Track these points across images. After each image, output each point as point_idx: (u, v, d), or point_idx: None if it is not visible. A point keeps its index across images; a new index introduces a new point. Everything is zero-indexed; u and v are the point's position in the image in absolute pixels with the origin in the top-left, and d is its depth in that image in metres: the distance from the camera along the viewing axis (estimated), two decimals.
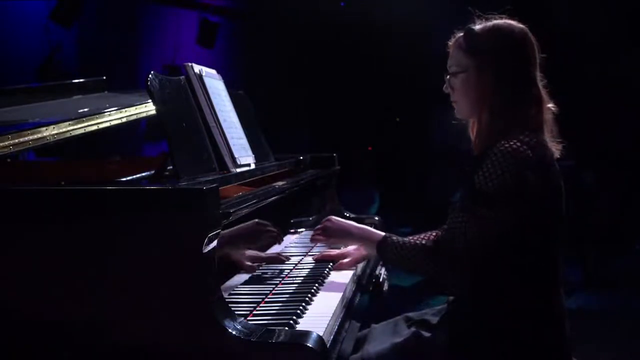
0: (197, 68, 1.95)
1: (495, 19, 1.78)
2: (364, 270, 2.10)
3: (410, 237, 1.80)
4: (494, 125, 1.70)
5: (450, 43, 1.83)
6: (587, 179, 6.05)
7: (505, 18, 1.78)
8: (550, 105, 1.76)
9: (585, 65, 6.55)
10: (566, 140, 1.78)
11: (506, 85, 1.70)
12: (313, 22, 7.44)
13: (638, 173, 6.48)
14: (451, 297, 1.83)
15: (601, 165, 6.37)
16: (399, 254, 1.74)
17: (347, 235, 1.92)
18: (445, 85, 1.83)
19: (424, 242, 1.75)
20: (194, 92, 1.90)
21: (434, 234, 2.01)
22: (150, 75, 1.69)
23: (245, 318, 1.40)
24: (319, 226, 1.99)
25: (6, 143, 1.76)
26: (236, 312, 1.34)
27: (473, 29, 1.75)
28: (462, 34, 1.78)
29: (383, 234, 1.81)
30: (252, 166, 2.06)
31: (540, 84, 1.75)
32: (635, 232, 6.36)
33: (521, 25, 1.76)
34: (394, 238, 1.78)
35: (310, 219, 2.67)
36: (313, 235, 1.99)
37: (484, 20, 1.78)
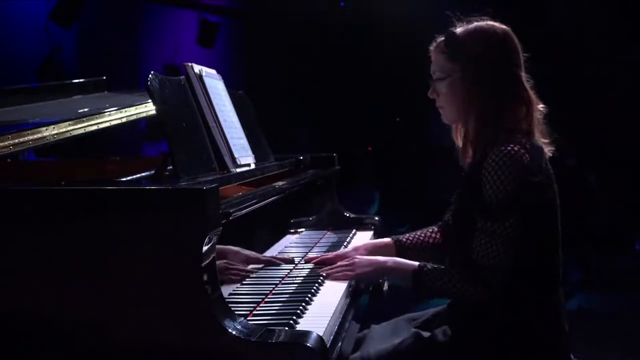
0: (197, 68, 1.95)
1: (476, 20, 1.75)
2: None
3: (440, 266, 1.72)
4: (483, 130, 1.68)
5: (431, 48, 1.80)
6: (587, 179, 6.05)
7: (487, 19, 1.75)
8: (539, 106, 1.74)
9: (586, 66, 6.55)
10: (567, 141, 1.77)
11: (492, 88, 1.68)
12: (313, 22, 7.44)
13: (638, 173, 6.47)
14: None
15: (602, 165, 6.37)
16: (434, 285, 1.67)
17: (379, 267, 1.77)
18: (430, 91, 1.81)
19: (459, 272, 1.68)
20: (194, 92, 1.90)
21: (429, 231, 2.04)
22: (150, 75, 1.68)
23: (245, 318, 1.40)
24: (344, 263, 1.83)
25: (6, 143, 1.76)
26: (236, 312, 1.34)
27: (454, 33, 1.72)
28: (443, 38, 1.75)
29: (416, 263, 1.72)
30: (252, 166, 2.06)
31: (527, 85, 1.72)
32: (635, 232, 6.36)
33: (503, 26, 1.73)
34: (429, 267, 1.69)
35: (310, 219, 2.67)
36: (335, 272, 1.81)
37: (464, 22, 1.75)
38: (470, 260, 1.65)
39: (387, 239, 2.07)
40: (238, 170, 1.91)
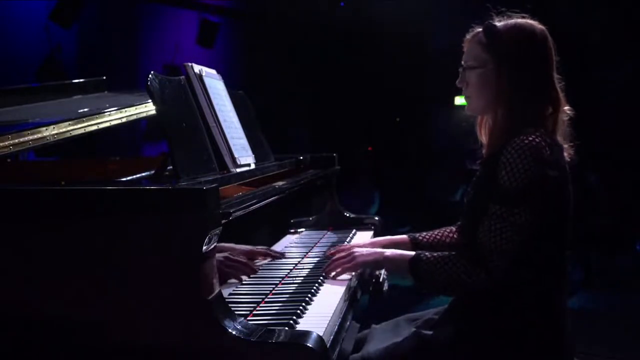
0: (197, 68, 1.95)
1: (516, 17, 1.76)
2: (364, 270, 2.10)
3: (439, 252, 1.71)
4: (509, 124, 1.69)
5: (467, 37, 1.81)
6: (588, 179, 6.05)
7: (527, 17, 1.77)
8: (566, 108, 1.75)
9: (586, 66, 6.55)
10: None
11: (524, 84, 1.69)
12: (313, 22, 7.44)
13: (638, 173, 6.47)
14: (452, 297, 1.83)
15: (603, 165, 6.37)
16: (431, 270, 1.67)
17: (378, 256, 1.80)
18: (459, 79, 1.81)
19: (457, 257, 1.66)
20: (194, 92, 1.90)
21: (447, 231, 2.02)
22: (150, 75, 1.68)
23: (245, 318, 1.40)
24: (342, 254, 1.85)
25: (6, 143, 1.76)
26: (236, 312, 1.34)
27: (495, 25, 1.73)
28: (481, 29, 1.76)
29: (414, 253, 1.74)
30: (252, 166, 2.06)
31: (558, 86, 1.74)
32: (636, 232, 6.36)
33: (542, 26, 1.75)
34: (427, 254, 1.70)
35: (310, 219, 2.67)
36: (336, 266, 1.82)
37: (505, 17, 1.77)
38: (475, 245, 1.65)
39: (403, 236, 2.08)
40: (238, 170, 1.91)
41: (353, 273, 1.89)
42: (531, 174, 1.58)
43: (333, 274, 1.81)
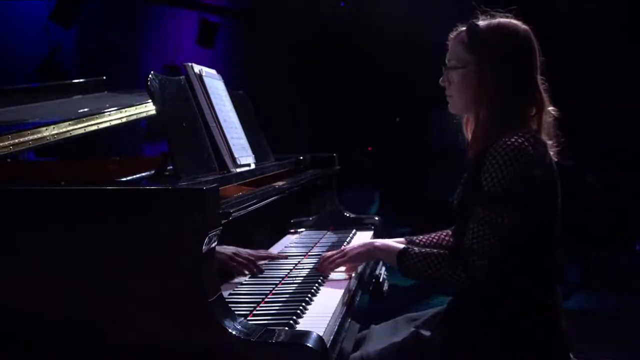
0: (197, 68, 1.95)
1: (500, 17, 1.76)
2: (364, 270, 2.10)
3: (427, 249, 1.75)
4: (492, 125, 1.68)
5: (451, 36, 1.80)
6: (587, 179, 6.05)
7: (511, 17, 1.76)
8: (550, 108, 1.75)
9: (586, 65, 6.55)
10: (567, 141, 1.78)
11: (506, 85, 1.68)
12: (313, 22, 7.44)
13: (638, 173, 6.47)
14: (450, 297, 1.83)
15: (602, 165, 6.37)
16: (417, 265, 1.70)
17: (369, 246, 1.85)
18: (442, 78, 1.81)
19: (442, 252, 1.70)
20: (194, 92, 1.90)
21: (443, 234, 2.02)
22: (150, 75, 1.69)
23: (245, 318, 1.40)
24: (334, 252, 1.89)
25: (6, 143, 1.76)
26: (236, 312, 1.34)
27: (477, 25, 1.72)
28: (464, 28, 1.76)
29: (402, 246, 1.78)
30: (252, 166, 2.06)
31: (541, 87, 1.73)
32: (636, 232, 6.36)
33: (525, 26, 1.74)
34: (415, 249, 1.74)
35: (310, 219, 2.67)
36: (328, 264, 1.86)
37: (488, 16, 1.76)
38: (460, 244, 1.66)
39: (400, 239, 2.08)
40: (238, 170, 1.91)
41: (353, 274, 1.90)
42: (514, 176, 1.58)
43: (326, 265, 1.85)
